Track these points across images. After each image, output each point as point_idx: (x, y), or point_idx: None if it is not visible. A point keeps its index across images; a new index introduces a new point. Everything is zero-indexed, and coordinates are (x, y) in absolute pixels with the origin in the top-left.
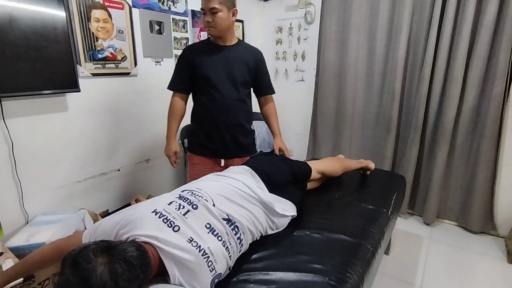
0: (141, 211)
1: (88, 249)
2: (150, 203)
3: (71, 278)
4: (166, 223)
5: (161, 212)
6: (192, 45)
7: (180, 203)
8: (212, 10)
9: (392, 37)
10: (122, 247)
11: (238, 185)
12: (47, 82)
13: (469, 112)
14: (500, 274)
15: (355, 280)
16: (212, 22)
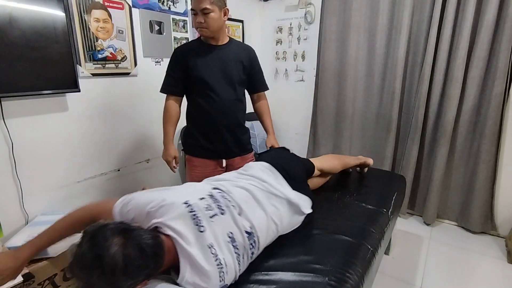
0: (174, 199)
1: (107, 228)
2: (184, 191)
3: (87, 252)
4: (193, 220)
5: (192, 206)
6: (182, 46)
7: (210, 203)
8: (204, 11)
9: (392, 37)
10: (139, 233)
11: (264, 186)
12: (47, 82)
13: (469, 112)
14: (500, 274)
15: (355, 280)
16: (204, 23)
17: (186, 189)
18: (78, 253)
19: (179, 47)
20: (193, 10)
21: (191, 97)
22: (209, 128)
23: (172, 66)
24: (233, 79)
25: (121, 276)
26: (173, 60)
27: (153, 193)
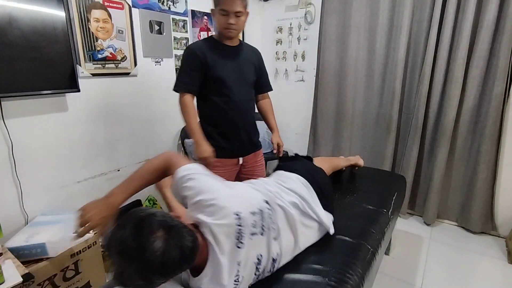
0: (227, 203)
1: (154, 219)
2: (240, 196)
3: (130, 240)
4: (237, 234)
5: (241, 220)
6: (198, 44)
7: (257, 220)
8: (237, 14)
9: (392, 37)
10: (182, 233)
11: (303, 205)
12: (46, 82)
13: (469, 112)
14: (500, 274)
15: (355, 280)
16: (234, 25)
17: (242, 194)
18: (120, 236)
19: (194, 45)
20: (224, 11)
21: (207, 96)
22: (227, 128)
23: (191, 63)
24: (248, 80)
25: (157, 273)
26: (191, 57)
27: (212, 182)
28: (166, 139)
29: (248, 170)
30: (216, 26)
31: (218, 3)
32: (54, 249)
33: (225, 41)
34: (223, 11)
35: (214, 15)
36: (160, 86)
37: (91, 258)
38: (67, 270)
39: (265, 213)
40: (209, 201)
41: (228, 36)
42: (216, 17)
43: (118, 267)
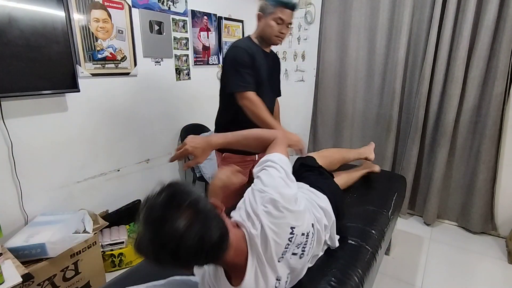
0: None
1: (189, 198)
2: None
3: (157, 208)
4: (283, 250)
5: (294, 239)
6: (246, 44)
7: (302, 242)
8: (289, 24)
9: (392, 37)
10: (211, 223)
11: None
12: (46, 82)
13: (469, 112)
14: (500, 274)
15: (355, 281)
16: (284, 34)
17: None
18: (151, 201)
19: (244, 45)
20: (282, 20)
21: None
22: None
23: (246, 62)
24: (275, 88)
25: (168, 253)
26: (245, 57)
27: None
28: (166, 139)
29: None
30: (261, 31)
31: (275, 11)
32: (54, 249)
33: (265, 48)
34: (280, 19)
35: (262, 20)
36: (160, 86)
37: (91, 258)
38: (67, 270)
39: (310, 236)
40: (281, 207)
41: (275, 43)
42: (265, 23)
43: (138, 229)
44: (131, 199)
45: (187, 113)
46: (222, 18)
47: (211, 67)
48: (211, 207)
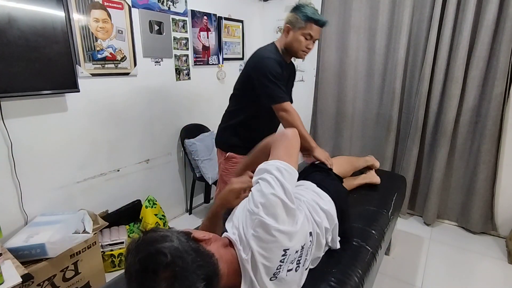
0: (278, 239)
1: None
2: (295, 235)
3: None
4: (274, 271)
5: (287, 257)
6: (275, 55)
7: (296, 258)
8: (315, 40)
9: (392, 37)
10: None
11: (328, 233)
12: (46, 82)
13: (469, 112)
14: (500, 274)
15: (355, 281)
16: (310, 50)
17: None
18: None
19: (274, 56)
20: (310, 36)
21: (257, 107)
22: (258, 136)
23: (280, 75)
24: (289, 97)
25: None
26: (278, 69)
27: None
28: (166, 139)
29: None
30: (287, 43)
31: (305, 26)
32: (54, 249)
33: (287, 59)
34: (309, 35)
35: (291, 32)
36: (160, 86)
37: (91, 258)
38: (66, 271)
39: (305, 248)
40: (273, 231)
41: (300, 57)
42: (294, 37)
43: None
44: (131, 199)
45: (187, 113)
46: (222, 18)
47: (211, 67)
48: (192, 254)
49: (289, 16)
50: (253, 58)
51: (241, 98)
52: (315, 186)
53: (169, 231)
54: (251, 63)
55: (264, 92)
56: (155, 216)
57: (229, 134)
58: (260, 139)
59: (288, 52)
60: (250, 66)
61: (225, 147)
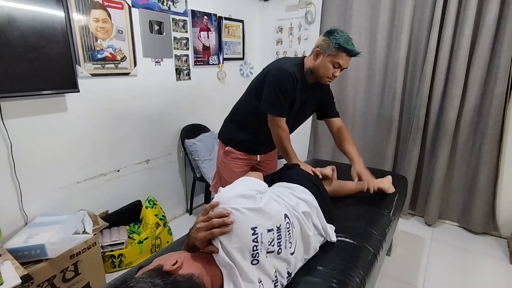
0: (245, 219)
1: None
2: (261, 213)
3: None
4: (252, 252)
5: (258, 236)
6: (296, 72)
7: (274, 238)
8: (343, 69)
9: (393, 37)
10: None
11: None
12: (46, 82)
13: (470, 112)
14: (502, 275)
15: (356, 282)
16: (335, 77)
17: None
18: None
19: (292, 72)
20: (339, 65)
21: (263, 118)
22: (264, 140)
23: (288, 92)
24: (302, 118)
25: None
26: (290, 86)
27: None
28: (166, 140)
29: (263, 166)
30: (314, 67)
31: (336, 55)
32: (54, 250)
33: (309, 79)
34: (337, 64)
35: (320, 57)
36: (160, 86)
37: (91, 259)
38: (66, 271)
39: (283, 228)
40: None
41: (324, 83)
42: (322, 62)
43: None
44: (131, 200)
45: (187, 113)
46: (222, 18)
47: (212, 67)
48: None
49: (320, 40)
50: (273, 64)
51: (252, 99)
52: (284, 183)
53: (140, 280)
54: (270, 67)
55: (266, 99)
56: (155, 216)
57: (232, 128)
58: (260, 144)
59: (313, 75)
60: (268, 70)
61: (226, 140)
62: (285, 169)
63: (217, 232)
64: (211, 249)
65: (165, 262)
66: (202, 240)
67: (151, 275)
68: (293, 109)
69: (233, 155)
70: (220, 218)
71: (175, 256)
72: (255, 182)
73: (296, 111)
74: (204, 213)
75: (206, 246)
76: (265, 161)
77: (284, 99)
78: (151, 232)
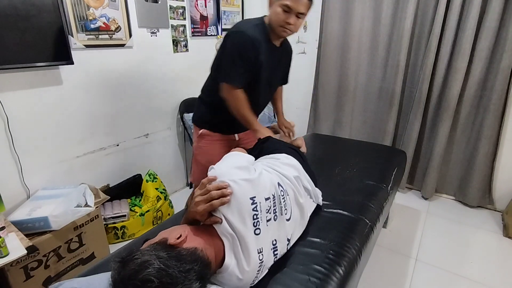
0: (243, 190)
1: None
2: (256, 184)
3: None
4: (253, 220)
5: (257, 205)
6: (255, 34)
7: (271, 205)
8: (299, 15)
9: (399, 6)
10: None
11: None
12: (38, 54)
13: (474, 85)
14: (495, 246)
15: (353, 254)
16: (292, 25)
17: (257, 180)
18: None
19: (252, 35)
20: (288, 7)
21: None
22: (233, 121)
23: (247, 58)
24: (275, 85)
25: None
26: (249, 51)
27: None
28: (165, 113)
29: (243, 145)
30: (269, 19)
31: None
32: (57, 222)
33: (275, 41)
34: (286, 7)
35: (271, 5)
36: (157, 58)
37: (94, 231)
38: (71, 242)
39: (277, 196)
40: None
41: (280, 35)
42: (273, 9)
43: None
44: (132, 174)
45: (186, 86)
46: None
47: (210, 38)
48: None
49: None
50: (231, 28)
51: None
52: (266, 155)
53: (145, 253)
54: (228, 32)
55: (222, 68)
56: (156, 190)
57: (204, 110)
58: (235, 121)
59: (273, 30)
60: (226, 36)
61: (200, 123)
62: (261, 143)
63: (216, 203)
64: (214, 219)
65: (169, 235)
66: (202, 213)
67: (156, 248)
68: (262, 77)
69: (209, 137)
70: (219, 190)
71: (179, 230)
72: (244, 155)
73: (267, 78)
74: (202, 187)
75: (207, 218)
76: (244, 139)
77: (243, 66)
78: (152, 205)
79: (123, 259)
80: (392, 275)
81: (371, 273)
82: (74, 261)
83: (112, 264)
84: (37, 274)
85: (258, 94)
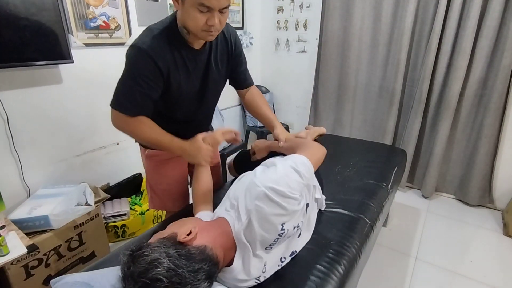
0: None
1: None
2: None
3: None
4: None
5: (285, 234)
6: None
7: (294, 232)
8: (222, 10)
9: (399, 4)
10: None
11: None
12: (38, 52)
13: (475, 84)
14: (495, 245)
15: (352, 253)
16: (218, 25)
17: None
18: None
19: (146, 47)
20: (206, 7)
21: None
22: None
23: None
24: (215, 91)
25: None
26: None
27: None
28: None
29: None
30: (183, 21)
31: None
32: (57, 221)
33: (194, 44)
34: (204, 7)
35: (181, 5)
36: None
37: (94, 229)
38: (71, 241)
39: (301, 224)
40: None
41: (206, 40)
42: (186, 12)
43: None
44: (132, 172)
45: None
46: None
47: None
48: (186, 264)
49: None
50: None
51: None
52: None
53: (156, 250)
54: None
55: (116, 88)
56: None
57: None
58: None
59: (195, 36)
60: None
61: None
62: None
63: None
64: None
65: (179, 230)
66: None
67: (165, 244)
68: (181, 93)
69: (157, 158)
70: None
71: (189, 226)
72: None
73: (199, 89)
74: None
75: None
76: None
77: (141, 90)
78: None
79: (133, 252)
80: (392, 273)
81: (371, 271)
82: (75, 259)
83: (121, 257)
84: (37, 273)
85: (188, 113)
